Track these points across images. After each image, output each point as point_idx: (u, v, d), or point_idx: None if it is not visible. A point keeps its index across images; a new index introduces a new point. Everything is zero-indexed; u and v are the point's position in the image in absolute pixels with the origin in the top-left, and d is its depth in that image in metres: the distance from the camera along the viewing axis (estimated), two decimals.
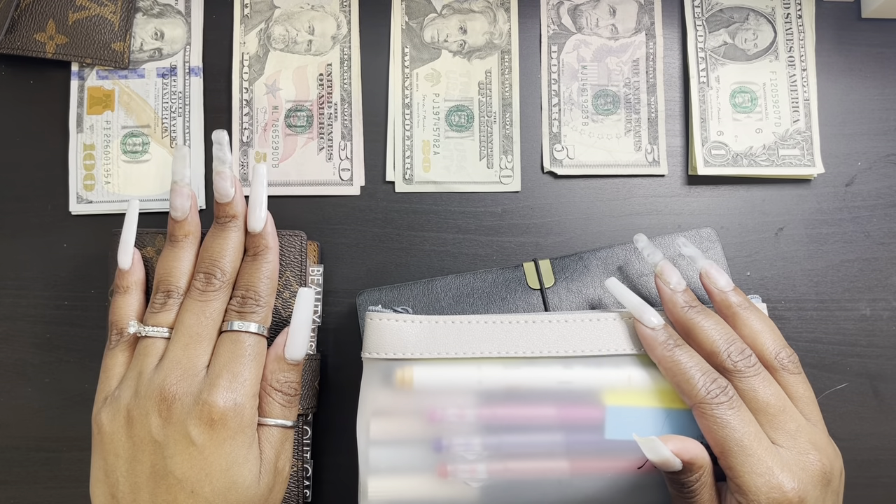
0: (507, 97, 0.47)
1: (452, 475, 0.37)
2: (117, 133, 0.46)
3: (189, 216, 0.40)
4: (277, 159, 0.46)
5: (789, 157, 0.46)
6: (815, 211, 0.47)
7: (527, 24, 0.48)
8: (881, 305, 0.46)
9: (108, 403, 0.36)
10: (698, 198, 0.47)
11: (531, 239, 0.46)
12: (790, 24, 0.47)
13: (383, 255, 0.46)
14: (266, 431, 0.37)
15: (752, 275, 0.46)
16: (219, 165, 0.39)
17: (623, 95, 0.47)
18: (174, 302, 0.38)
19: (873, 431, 0.45)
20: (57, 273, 0.45)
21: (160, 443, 0.35)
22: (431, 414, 0.37)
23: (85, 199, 0.45)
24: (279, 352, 0.38)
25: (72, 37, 0.46)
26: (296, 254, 0.42)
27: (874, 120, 0.47)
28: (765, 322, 0.37)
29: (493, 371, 0.37)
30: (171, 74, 0.46)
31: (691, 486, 0.34)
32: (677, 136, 0.47)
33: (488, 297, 0.42)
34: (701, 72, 0.47)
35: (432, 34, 0.47)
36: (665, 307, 0.38)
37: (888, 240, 0.46)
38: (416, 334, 0.38)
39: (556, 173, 0.47)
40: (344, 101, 0.46)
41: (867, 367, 0.45)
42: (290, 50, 0.47)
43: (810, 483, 0.33)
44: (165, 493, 0.34)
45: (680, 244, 0.40)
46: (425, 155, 0.46)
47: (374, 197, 0.46)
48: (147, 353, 0.37)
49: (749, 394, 0.35)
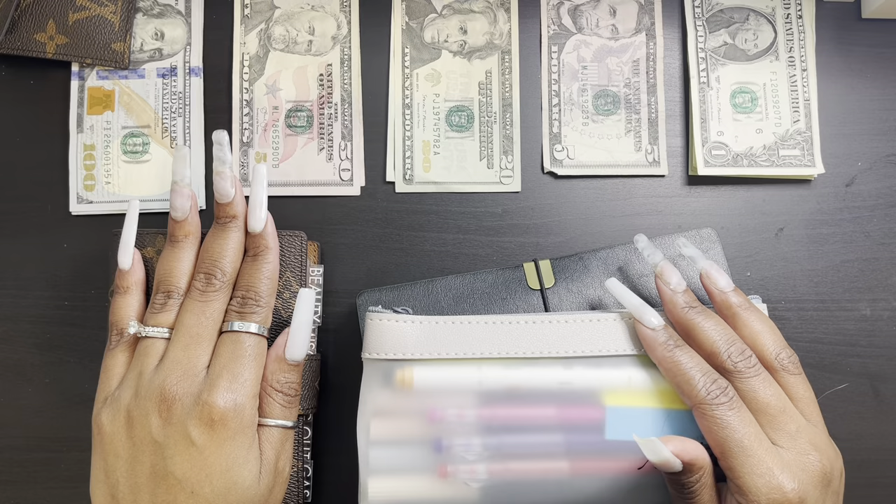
0: (507, 97, 0.47)
1: (452, 475, 0.37)
2: (117, 133, 0.46)
3: (189, 216, 0.40)
4: (277, 159, 0.46)
5: (789, 158, 0.46)
6: (815, 211, 0.47)
7: (527, 25, 0.48)
8: (881, 305, 0.46)
9: (108, 404, 0.36)
10: (698, 198, 0.47)
11: (531, 239, 0.46)
12: (790, 25, 0.47)
13: (383, 256, 0.46)
14: (266, 432, 0.37)
15: (753, 275, 0.46)
16: (219, 166, 0.39)
17: (623, 96, 0.47)
18: (174, 302, 0.38)
19: (873, 431, 0.45)
20: (57, 273, 0.45)
21: (160, 443, 0.35)
22: (431, 414, 0.37)
23: (85, 200, 0.45)
24: (279, 352, 0.38)
25: (72, 37, 0.46)
26: (296, 254, 0.42)
27: (874, 120, 0.47)
28: (765, 323, 0.37)
29: (493, 371, 0.37)
30: (171, 75, 0.46)
31: (691, 486, 0.34)
32: (677, 137, 0.47)
33: (488, 298, 0.42)
34: (701, 72, 0.47)
35: (432, 34, 0.47)
36: (665, 308, 0.38)
37: (888, 240, 0.46)
38: (417, 335, 0.38)
39: (556, 173, 0.47)
40: (344, 102, 0.46)
41: (867, 367, 0.45)
42: (291, 50, 0.47)
43: (810, 483, 0.33)
44: (165, 494, 0.34)
45: (680, 244, 0.40)
46: (425, 155, 0.46)
47: (374, 197, 0.46)
48: (147, 354, 0.37)
49: (749, 394, 0.35)
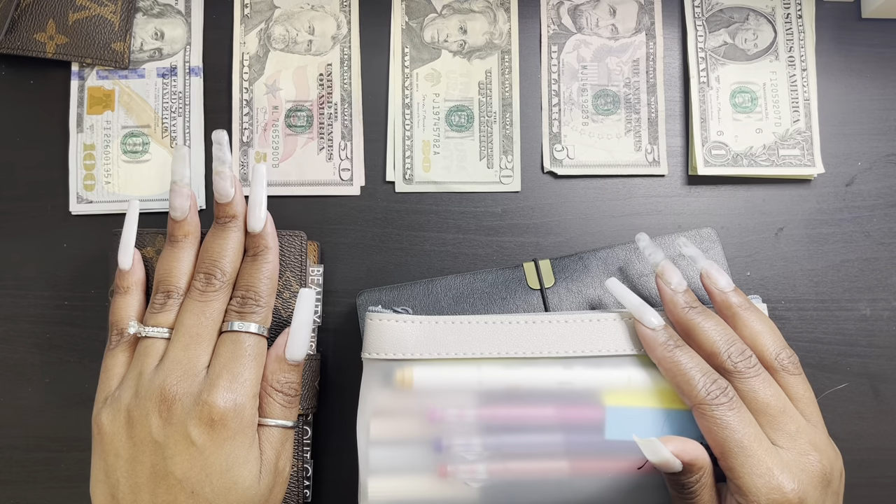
0: (507, 97, 0.47)
1: (452, 475, 0.37)
2: (117, 133, 0.46)
3: (189, 216, 0.40)
4: (277, 159, 0.46)
5: (789, 157, 0.46)
6: (815, 211, 0.47)
7: (527, 24, 0.47)
8: (881, 305, 0.46)
9: (108, 404, 0.36)
10: (698, 198, 0.47)
11: (531, 239, 0.46)
12: (790, 24, 0.47)
13: (383, 255, 0.46)
14: (266, 432, 0.37)
15: (752, 275, 0.46)
16: (219, 165, 0.39)
17: (623, 95, 0.47)
18: (174, 302, 0.38)
19: (873, 431, 0.45)
20: (57, 273, 0.45)
21: (160, 443, 0.35)
22: (431, 414, 0.37)
23: (85, 199, 0.45)
24: (279, 352, 0.38)
25: (72, 37, 0.46)
26: (296, 254, 0.42)
27: (874, 120, 0.47)
28: (765, 323, 0.37)
29: (493, 371, 0.37)
30: (171, 74, 0.46)
31: (691, 486, 0.34)
32: (677, 136, 0.47)
33: (488, 298, 0.42)
34: (701, 72, 0.47)
35: (432, 34, 0.47)
36: (665, 307, 0.38)
37: (888, 240, 0.46)
38: (416, 334, 0.38)
39: (556, 173, 0.47)
40: (344, 101, 0.46)
41: (867, 367, 0.45)
42: (291, 50, 0.47)
43: (810, 484, 0.33)
44: (165, 494, 0.34)
45: (681, 244, 0.40)
46: (425, 155, 0.46)
47: (374, 197, 0.46)
48: (147, 354, 0.37)
49: (749, 395, 0.35)
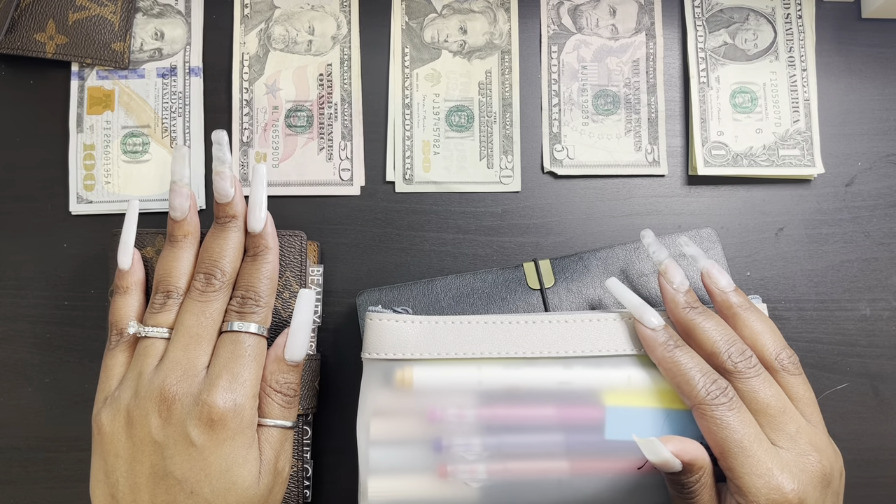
0: (507, 97, 0.47)
1: (452, 475, 0.37)
2: (117, 133, 0.46)
3: (188, 216, 0.40)
4: (277, 159, 0.46)
5: (789, 158, 0.46)
6: (815, 211, 0.47)
7: (527, 24, 0.48)
8: (881, 305, 0.46)
9: (108, 404, 0.36)
10: (698, 198, 0.47)
11: (531, 239, 0.46)
12: (790, 25, 0.47)
13: (383, 255, 0.46)
14: (266, 432, 0.37)
15: (752, 275, 0.46)
16: (218, 165, 0.39)
17: (623, 95, 0.47)
18: (174, 302, 0.38)
19: (873, 431, 0.45)
20: (57, 273, 0.45)
21: (160, 443, 0.35)
22: (431, 414, 0.37)
23: (85, 199, 0.45)
24: (279, 352, 0.37)
25: (72, 37, 0.46)
26: (296, 254, 0.42)
27: (874, 120, 0.47)
28: (765, 323, 0.37)
29: (493, 371, 0.37)
30: (171, 74, 0.46)
31: (691, 486, 0.34)
32: (677, 137, 0.47)
33: (488, 298, 0.42)
34: (701, 72, 0.47)
35: (432, 34, 0.47)
36: (666, 306, 0.38)
37: (888, 240, 0.46)
38: (416, 334, 0.38)
39: (556, 173, 0.47)
40: (344, 101, 0.46)
41: (867, 367, 0.45)
42: (290, 50, 0.47)
43: (810, 484, 0.33)
44: (165, 494, 0.34)
45: (682, 243, 0.40)
46: (425, 155, 0.46)
47: (374, 197, 0.46)
48: (147, 354, 0.37)
49: (749, 395, 0.35)
